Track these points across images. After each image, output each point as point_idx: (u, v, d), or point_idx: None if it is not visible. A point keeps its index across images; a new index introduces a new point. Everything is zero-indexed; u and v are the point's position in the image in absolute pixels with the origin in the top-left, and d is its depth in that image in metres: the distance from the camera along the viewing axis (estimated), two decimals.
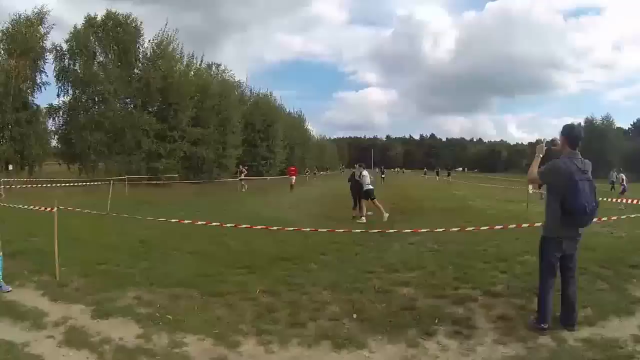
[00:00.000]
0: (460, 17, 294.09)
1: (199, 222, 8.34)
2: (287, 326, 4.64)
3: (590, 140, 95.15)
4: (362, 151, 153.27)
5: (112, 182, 16.00)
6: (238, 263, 7.23)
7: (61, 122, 27.35)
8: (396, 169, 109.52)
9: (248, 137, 41.50)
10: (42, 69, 25.76)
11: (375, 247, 8.69)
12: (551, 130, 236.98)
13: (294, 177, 31.24)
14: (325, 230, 8.58)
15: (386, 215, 13.16)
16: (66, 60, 27.17)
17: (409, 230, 8.88)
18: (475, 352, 4.11)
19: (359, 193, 14.12)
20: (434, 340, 4.32)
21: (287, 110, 59.05)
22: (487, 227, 7.81)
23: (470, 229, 8.94)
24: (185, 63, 32.20)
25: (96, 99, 27.23)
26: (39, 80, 25.65)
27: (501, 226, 7.91)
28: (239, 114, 38.02)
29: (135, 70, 29.35)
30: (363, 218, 13.44)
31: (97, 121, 26.07)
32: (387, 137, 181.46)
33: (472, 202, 20.97)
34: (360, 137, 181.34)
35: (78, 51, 26.70)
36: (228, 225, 7.94)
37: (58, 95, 27.34)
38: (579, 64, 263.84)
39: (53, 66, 26.65)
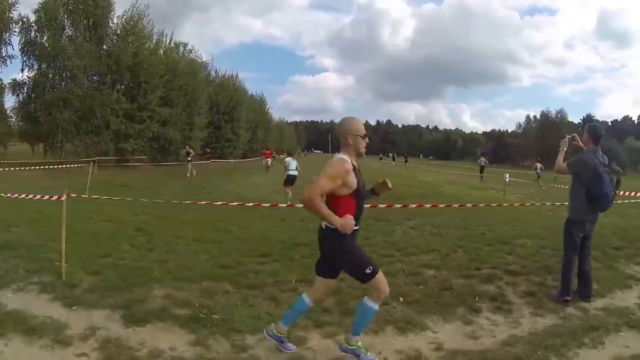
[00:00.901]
0: (419, 7, 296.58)
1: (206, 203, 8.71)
2: (342, 315, 4.42)
3: (545, 133, 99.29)
4: (319, 135, 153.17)
5: (92, 163, 14.46)
6: (253, 251, 6.84)
7: (25, 99, 24.88)
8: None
9: (213, 118, 40.11)
10: (8, 42, 23.71)
11: (381, 231, 8.64)
12: (504, 121, 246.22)
13: (270, 160, 32.80)
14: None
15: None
16: (33, 33, 24.76)
17: (414, 206, 8.68)
18: (521, 324, 4.42)
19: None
20: (482, 316, 4.59)
21: (249, 92, 57.37)
22: (484, 205, 9.72)
23: (469, 205, 9.74)
24: (154, 41, 30.51)
25: (64, 75, 25.04)
26: (4, 53, 23.67)
27: (496, 204, 10.21)
28: (205, 95, 36.79)
29: (105, 47, 27.32)
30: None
31: (65, 98, 23.96)
32: None
33: (443, 188, 20.89)
34: (318, 121, 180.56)
35: (46, 23, 24.31)
36: (234, 203, 8.82)
37: (22, 70, 25.07)
38: (532, 59, 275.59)
39: (18, 39, 24.48)
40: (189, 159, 23.81)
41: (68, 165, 18.80)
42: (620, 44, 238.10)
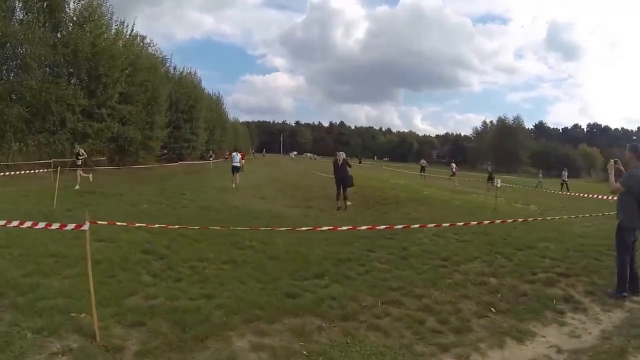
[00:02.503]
0: (373, 9, 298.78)
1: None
2: (454, 333, 4.46)
3: (502, 138, 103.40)
4: (271, 135, 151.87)
5: (59, 167, 13.00)
6: (303, 272, 6.29)
7: None
8: (307, 155, 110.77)
9: (172, 117, 37.75)
10: None
11: (409, 240, 8.56)
12: (455, 125, 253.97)
13: (243, 161, 30.79)
14: (362, 228, 7.74)
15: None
16: None
17: (447, 225, 8.02)
18: (600, 320, 4.91)
19: (345, 182, 14.00)
20: (568, 317, 4.98)
21: (206, 91, 55.33)
22: (512, 220, 10.10)
23: (498, 222, 9.29)
24: (113, 31, 27.87)
25: (13, 64, 22.14)
26: None
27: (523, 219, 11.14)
28: (166, 92, 34.59)
29: (59, 35, 24.37)
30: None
31: (16, 91, 21.26)
32: (297, 122, 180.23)
33: (427, 192, 20.80)
34: (269, 122, 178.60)
35: None
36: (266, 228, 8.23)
37: None
38: (483, 66, 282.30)
39: None
40: (79, 162, 18.23)
41: (18, 172, 16.68)
42: (567, 56, 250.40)
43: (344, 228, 7.28)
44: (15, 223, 4.61)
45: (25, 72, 21.54)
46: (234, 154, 22.05)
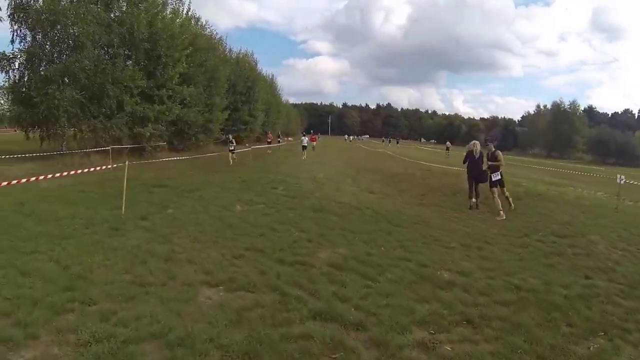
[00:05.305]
0: None
1: None
2: None
3: (557, 123, 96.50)
4: (319, 117, 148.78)
5: (127, 162, 9.83)
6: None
7: (16, 77, 19.35)
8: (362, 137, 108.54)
9: (231, 99, 35.42)
10: None
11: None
12: (496, 108, 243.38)
13: (314, 143, 34.88)
14: None
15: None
16: None
17: None
18: None
19: (479, 178, 11.36)
20: None
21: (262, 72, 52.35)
22: None
23: None
24: (169, 11, 25.08)
25: (64, 46, 19.62)
26: None
27: None
28: (225, 73, 32.03)
29: (112, 16, 21.76)
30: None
31: (69, 73, 18.77)
32: (344, 104, 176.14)
33: (525, 183, 18.12)
34: (317, 104, 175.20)
35: None
36: None
37: (12, 42, 19.36)
38: (524, 49, 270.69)
39: (7, 3, 18.90)
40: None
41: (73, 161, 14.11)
42: (613, 37, 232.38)
43: None
44: None
45: (79, 52, 18.92)
46: (303, 137, 27.24)
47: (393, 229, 8.51)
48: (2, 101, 19.02)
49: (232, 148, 22.77)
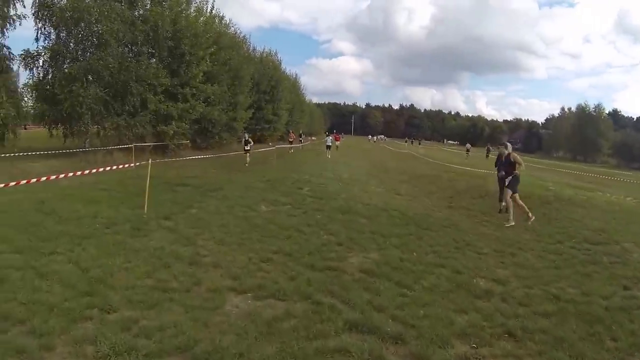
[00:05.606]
0: None
1: None
2: None
3: (581, 126, 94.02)
4: (342, 117, 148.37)
5: (150, 160, 9.61)
6: None
7: (41, 74, 19.35)
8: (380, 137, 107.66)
9: (254, 97, 35.20)
10: None
11: None
12: (519, 110, 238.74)
13: (338, 142, 34.67)
14: None
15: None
16: None
17: None
18: None
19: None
20: None
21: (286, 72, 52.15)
22: None
23: None
24: (193, 9, 24.99)
25: (88, 43, 19.64)
26: (12, 12, 17.69)
27: None
28: (249, 72, 31.94)
29: (136, 13, 21.83)
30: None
31: (93, 70, 18.80)
32: (367, 104, 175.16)
33: (552, 187, 17.98)
34: (340, 104, 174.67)
35: None
36: None
37: (37, 40, 19.32)
38: (547, 50, 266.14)
39: (31, 1, 18.83)
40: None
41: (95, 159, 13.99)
42: (638, 39, 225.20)
43: None
44: None
45: (103, 49, 18.96)
46: (327, 137, 27.16)
47: (423, 232, 8.20)
48: (26, 98, 19.00)
49: (248, 148, 20.89)
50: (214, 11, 27.10)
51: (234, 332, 3.81)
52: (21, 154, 15.10)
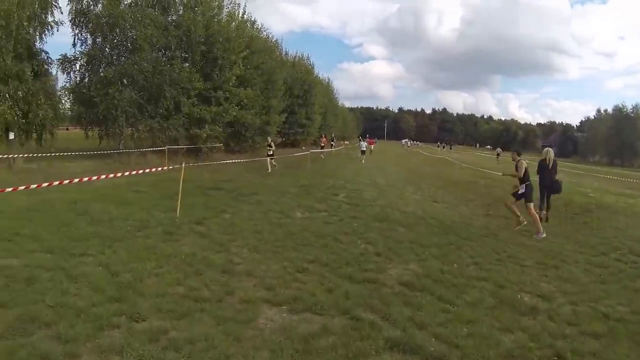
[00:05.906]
0: None
1: None
2: None
3: (619, 129, 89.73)
4: (374, 122, 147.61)
5: (183, 164, 9.53)
6: None
7: (77, 78, 20.06)
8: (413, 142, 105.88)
9: (287, 102, 35.37)
10: (55, 4, 17.99)
11: None
12: (552, 113, 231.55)
13: (372, 146, 35.78)
14: None
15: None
16: (85, 1, 19.84)
17: None
18: None
19: (552, 188, 10.54)
20: None
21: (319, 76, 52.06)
22: None
23: None
24: (225, 14, 25.14)
25: (123, 48, 20.26)
26: (50, 19, 17.96)
27: None
28: (282, 76, 31.95)
29: (169, 19, 22.37)
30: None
31: (127, 74, 19.29)
32: (400, 109, 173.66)
33: (592, 194, 17.62)
34: (372, 108, 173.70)
35: None
36: None
37: (74, 45, 20.09)
38: (581, 50, 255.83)
39: (68, 8, 19.56)
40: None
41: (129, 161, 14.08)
42: None
43: None
44: None
45: (138, 54, 19.44)
46: (361, 142, 29.79)
47: (463, 242, 7.81)
48: (64, 101, 19.54)
49: (271, 153, 19.51)
50: (245, 16, 27.22)
51: (268, 348, 3.56)
52: (58, 154, 15.32)
